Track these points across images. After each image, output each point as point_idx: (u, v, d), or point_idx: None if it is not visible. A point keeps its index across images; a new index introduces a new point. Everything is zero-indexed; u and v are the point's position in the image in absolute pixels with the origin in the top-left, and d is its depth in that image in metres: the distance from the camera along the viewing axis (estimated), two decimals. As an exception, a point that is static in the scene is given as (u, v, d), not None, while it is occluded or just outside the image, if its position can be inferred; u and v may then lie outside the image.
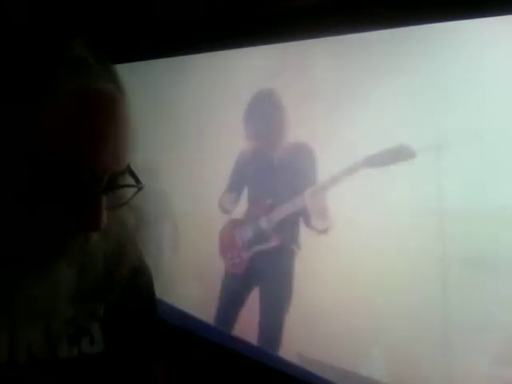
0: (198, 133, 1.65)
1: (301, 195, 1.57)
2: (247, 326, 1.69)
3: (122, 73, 0.57)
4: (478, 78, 1.08)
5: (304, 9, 1.27)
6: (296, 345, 1.51)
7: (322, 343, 1.43)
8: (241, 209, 1.75)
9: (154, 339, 0.76)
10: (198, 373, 1.50)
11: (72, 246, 0.56)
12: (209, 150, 1.64)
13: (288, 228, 1.64)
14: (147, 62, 1.60)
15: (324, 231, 1.53)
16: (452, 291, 1.15)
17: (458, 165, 1.15)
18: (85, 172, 0.52)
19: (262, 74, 1.47)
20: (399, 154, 1.24)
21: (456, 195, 1.17)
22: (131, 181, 0.58)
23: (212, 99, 1.59)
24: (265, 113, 1.58)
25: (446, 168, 1.15)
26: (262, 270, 1.71)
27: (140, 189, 0.58)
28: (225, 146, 1.62)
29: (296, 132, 1.44)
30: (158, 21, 1.54)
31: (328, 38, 1.30)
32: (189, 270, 1.80)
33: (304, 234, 1.60)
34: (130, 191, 0.58)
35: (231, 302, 1.81)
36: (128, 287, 0.69)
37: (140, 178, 0.58)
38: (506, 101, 1.04)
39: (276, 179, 1.65)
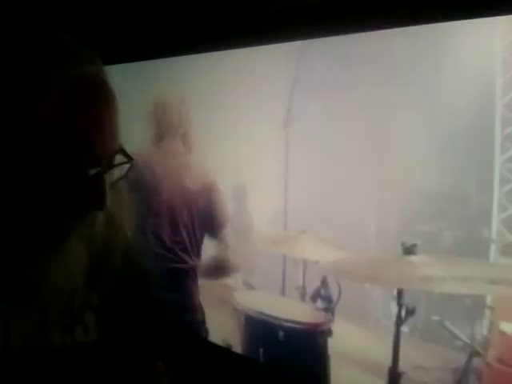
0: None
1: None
2: None
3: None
4: (480, 77, 1.07)
5: (304, 9, 1.26)
6: None
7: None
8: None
9: (148, 326, 0.76)
10: (198, 373, 1.50)
11: (82, 225, 0.59)
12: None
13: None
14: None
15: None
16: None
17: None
18: (87, 156, 0.54)
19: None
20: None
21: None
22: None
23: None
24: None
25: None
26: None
27: (132, 165, 0.60)
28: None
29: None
30: (158, 21, 1.54)
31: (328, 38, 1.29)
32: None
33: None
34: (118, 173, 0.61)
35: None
36: (120, 274, 0.69)
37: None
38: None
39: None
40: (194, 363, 1.52)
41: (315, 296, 1.40)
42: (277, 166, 1.44)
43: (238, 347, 1.48)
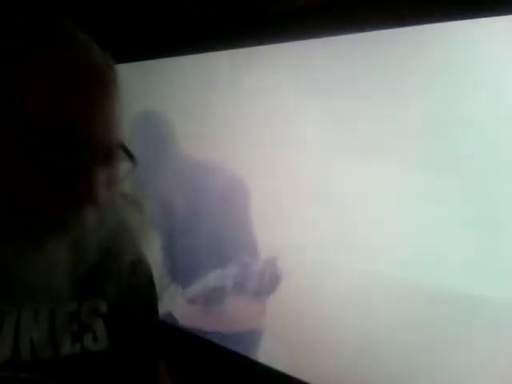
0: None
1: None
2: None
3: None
4: (479, 79, 1.07)
5: (304, 9, 1.27)
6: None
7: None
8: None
9: (155, 336, 0.77)
10: (198, 373, 1.50)
11: (67, 222, 0.55)
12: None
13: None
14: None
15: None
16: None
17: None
18: (77, 140, 0.52)
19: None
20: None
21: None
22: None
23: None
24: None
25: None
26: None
27: (135, 165, 0.58)
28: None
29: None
30: (157, 21, 1.54)
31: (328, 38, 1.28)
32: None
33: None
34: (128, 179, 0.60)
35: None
36: (128, 283, 0.68)
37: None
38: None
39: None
40: (196, 364, 1.52)
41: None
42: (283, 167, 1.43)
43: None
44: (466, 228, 1.08)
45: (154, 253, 0.77)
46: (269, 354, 1.45)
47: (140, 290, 0.73)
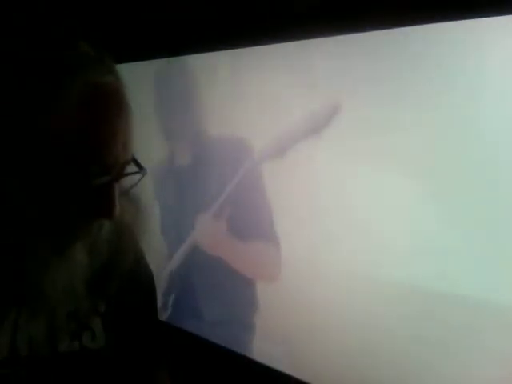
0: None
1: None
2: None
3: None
4: (480, 78, 1.07)
5: (304, 9, 1.27)
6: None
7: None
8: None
9: (154, 336, 0.77)
10: (198, 373, 1.50)
11: (88, 233, 0.60)
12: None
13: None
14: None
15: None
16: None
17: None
18: (98, 165, 0.55)
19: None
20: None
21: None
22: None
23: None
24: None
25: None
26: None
27: (144, 174, 0.61)
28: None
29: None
30: (158, 21, 1.54)
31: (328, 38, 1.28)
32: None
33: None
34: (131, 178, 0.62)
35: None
36: (128, 282, 0.69)
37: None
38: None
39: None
40: (195, 364, 1.53)
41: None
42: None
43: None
44: (467, 229, 1.08)
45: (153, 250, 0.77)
46: (268, 353, 1.45)
47: (140, 288, 0.74)
